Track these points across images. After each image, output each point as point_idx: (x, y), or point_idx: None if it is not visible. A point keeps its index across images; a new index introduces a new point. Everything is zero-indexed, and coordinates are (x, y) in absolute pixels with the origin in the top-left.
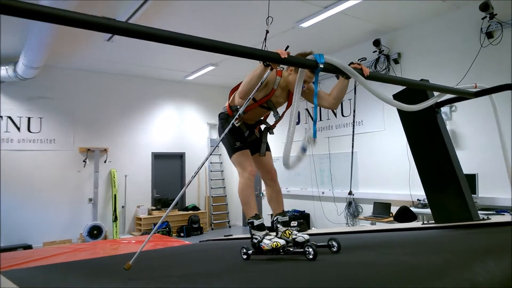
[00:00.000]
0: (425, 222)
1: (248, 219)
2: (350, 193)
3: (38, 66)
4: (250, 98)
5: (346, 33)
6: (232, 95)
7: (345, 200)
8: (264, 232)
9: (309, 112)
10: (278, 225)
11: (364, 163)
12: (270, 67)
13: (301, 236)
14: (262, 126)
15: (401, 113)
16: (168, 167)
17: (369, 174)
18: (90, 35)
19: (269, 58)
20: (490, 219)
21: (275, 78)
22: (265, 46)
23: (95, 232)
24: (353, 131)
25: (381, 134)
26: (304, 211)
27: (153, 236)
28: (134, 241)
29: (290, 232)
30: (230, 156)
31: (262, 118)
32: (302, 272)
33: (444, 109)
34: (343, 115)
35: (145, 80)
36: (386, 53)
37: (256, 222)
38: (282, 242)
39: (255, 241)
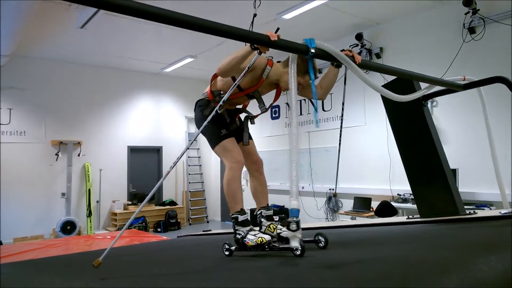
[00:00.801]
0: (410, 216)
1: (232, 214)
2: (335, 195)
3: (6, 53)
4: (235, 85)
5: (329, 26)
6: (214, 80)
7: (325, 195)
8: (248, 228)
9: (289, 106)
10: (262, 219)
11: (345, 158)
12: (258, 50)
13: (287, 231)
14: (242, 115)
15: (387, 106)
16: (145, 161)
17: (349, 169)
18: (62, 21)
19: (257, 41)
20: (476, 213)
21: (264, 67)
22: (252, 30)
23: (68, 227)
24: (341, 125)
25: (362, 129)
26: (284, 205)
27: (129, 232)
28: (109, 237)
29: (274, 227)
30: (214, 146)
31: (241, 106)
32: (293, 270)
33: None
34: (324, 110)
35: (121, 71)
36: (368, 48)
37: (241, 218)
38: (267, 237)
39: (239, 236)
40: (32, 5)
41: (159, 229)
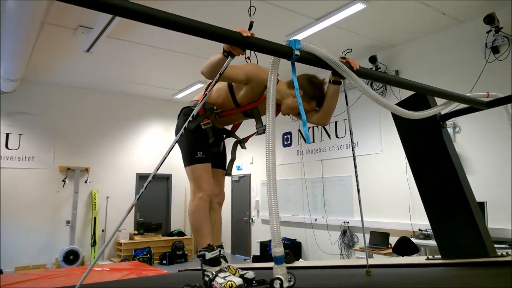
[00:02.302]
0: (429, 256)
1: (199, 251)
2: (368, 272)
3: (15, 78)
4: (204, 98)
5: (340, 49)
6: (212, 90)
7: (340, 229)
8: (217, 268)
9: (301, 133)
10: (221, 260)
11: (360, 189)
12: (231, 56)
13: (250, 272)
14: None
15: (400, 127)
16: (154, 189)
17: (364, 200)
18: (68, 45)
19: (226, 38)
20: (510, 255)
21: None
22: None
23: (71, 257)
24: (353, 147)
25: (378, 157)
26: (296, 239)
27: (131, 264)
28: (107, 269)
29: (235, 268)
30: (185, 165)
31: (230, 128)
32: None
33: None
34: (337, 137)
35: (130, 97)
36: (383, 71)
37: (208, 255)
38: (238, 281)
39: (207, 279)
40: (36, 28)
41: (164, 261)
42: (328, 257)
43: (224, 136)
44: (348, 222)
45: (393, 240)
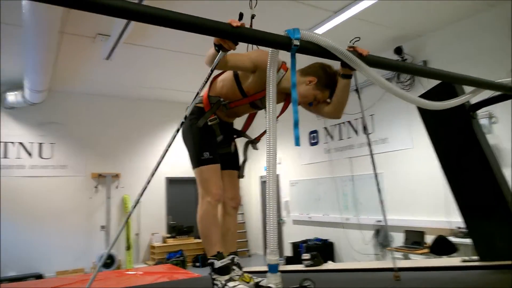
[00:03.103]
0: (465, 258)
1: (208, 258)
2: (397, 277)
3: (41, 89)
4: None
5: (363, 42)
6: (214, 82)
7: (372, 228)
8: (227, 277)
9: (328, 131)
10: (234, 267)
11: (392, 186)
12: (222, 50)
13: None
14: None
15: (426, 121)
16: (183, 193)
17: (397, 198)
18: (88, 53)
19: (215, 31)
20: None
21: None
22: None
23: (108, 261)
24: (371, 152)
25: (409, 152)
26: (328, 239)
27: (163, 267)
28: (141, 272)
29: (250, 276)
30: (193, 167)
31: (240, 129)
32: None
33: (483, 121)
34: (365, 133)
35: (155, 102)
36: (409, 62)
37: (218, 264)
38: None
39: None
40: (54, 38)
41: (197, 264)
42: (362, 257)
43: (235, 136)
44: (381, 221)
45: (429, 239)
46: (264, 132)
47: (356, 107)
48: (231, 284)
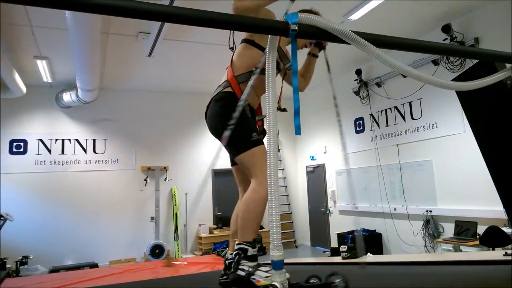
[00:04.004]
0: (508, 251)
1: (241, 243)
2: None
3: (92, 88)
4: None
5: (407, 22)
6: (232, 65)
7: (422, 218)
8: (255, 263)
9: (373, 117)
10: (243, 261)
11: (442, 173)
12: None
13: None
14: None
15: (463, 102)
16: (230, 184)
17: (448, 186)
18: (133, 52)
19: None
20: None
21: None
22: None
23: (157, 251)
24: (341, 133)
25: (461, 137)
26: (375, 230)
27: (209, 257)
28: (185, 263)
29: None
30: (242, 152)
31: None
32: None
33: None
34: (412, 118)
35: (199, 96)
36: (459, 40)
37: (251, 251)
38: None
39: (243, 273)
40: (97, 39)
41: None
42: (411, 249)
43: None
44: (431, 211)
45: (482, 230)
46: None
47: (403, 91)
48: (263, 268)
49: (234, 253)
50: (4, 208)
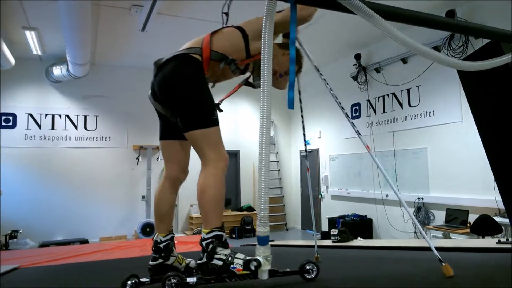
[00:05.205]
0: (501, 239)
1: (212, 230)
2: (316, 258)
3: (83, 62)
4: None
5: (411, 6)
6: (213, 37)
7: (413, 205)
8: (229, 250)
9: (370, 104)
10: (219, 248)
11: (436, 161)
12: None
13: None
14: None
15: (467, 86)
16: None
17: (441, 174)
18: (126, 26)
19: None
20: None
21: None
22: None
23: (147, 229)
24: (304, 127)
25: (458, 126)
26: (366, 215)
27: (198, 237)
28: (176, 241)
29: (182, 257)
30: (199, 127)
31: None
32: None
33: None
34: (410, 105)
35: None
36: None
37: (224, 236)
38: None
39: (220, 262)
40: (88, 10)
41: (234, 235)
42: (401, 235)
43: None
44: (422, 198)
45: (473, 219)
46: (235, 88)
47: (402, 77)
48: (239, 256)
49: (208, 241)
50: None
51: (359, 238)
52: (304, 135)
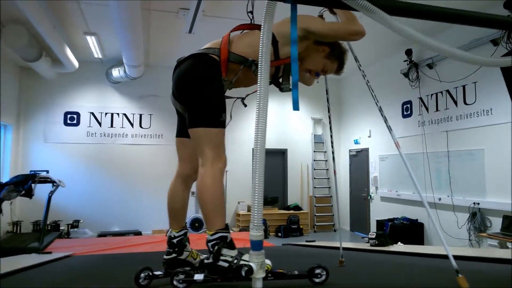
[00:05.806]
0: None
1: (217, 232)
2: (340, 262)
3: (137, 64)
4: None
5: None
6: (226, 41)
7: (468, 210)
8: (235, 251)
9: (422, 101)
10: (225, 250)
11: (494, 164)
12: None
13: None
14: None
15: (508, 82)
16: (270, 164)
17: (500, 177)
18: (174, 29)
19: None
20: None
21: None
22: None
23: (196, 224)
24: (331, 127)
25: None
26: (417, 219)
27: (245, 234)
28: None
29: (197, 253)
30: (204, 126)
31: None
32: None
33: None
34: (465, 103)
35: None
36: None
37: (229, 237)
38: (269, 262)
39: (226, 264)
40: (138, 15)
41: (279, 234)
42: (454, 242)
43: None
44: (478, 204)
45: None
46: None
47: (457, 73)
48: (246, 257)
49: (213, 243)
50: (57, 175)
51: (399, 243)
52: (331, 136)
